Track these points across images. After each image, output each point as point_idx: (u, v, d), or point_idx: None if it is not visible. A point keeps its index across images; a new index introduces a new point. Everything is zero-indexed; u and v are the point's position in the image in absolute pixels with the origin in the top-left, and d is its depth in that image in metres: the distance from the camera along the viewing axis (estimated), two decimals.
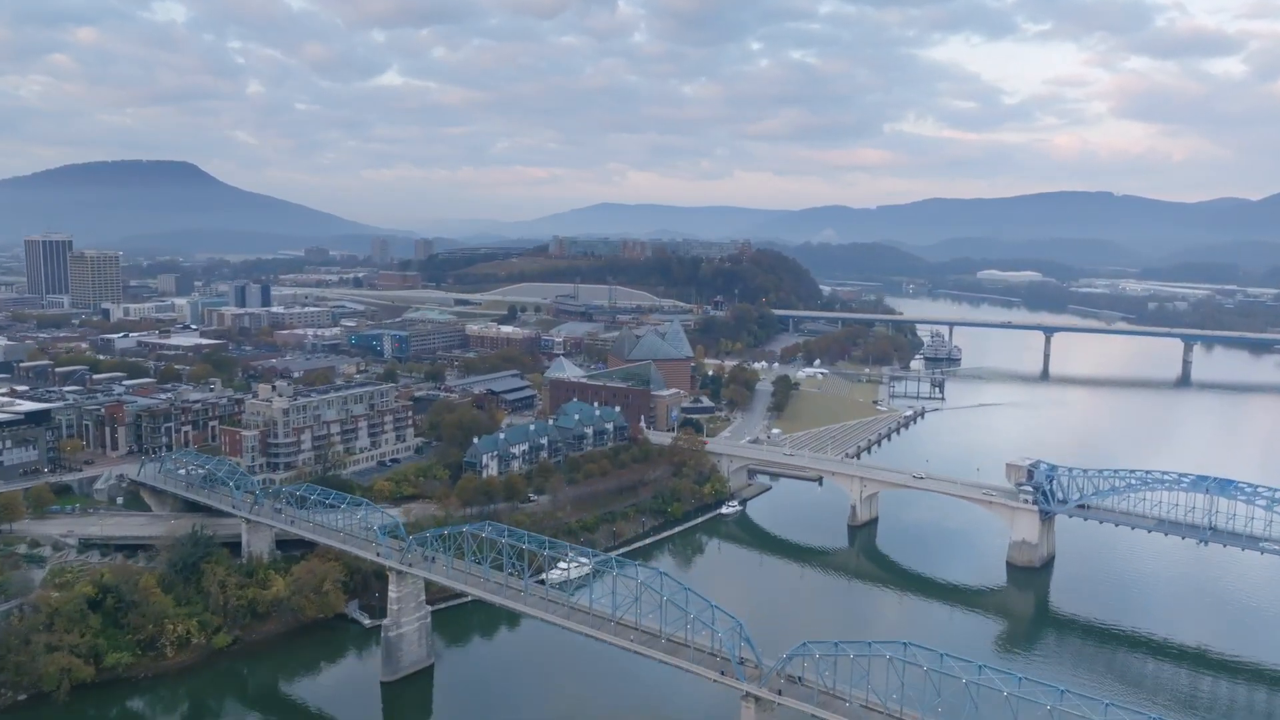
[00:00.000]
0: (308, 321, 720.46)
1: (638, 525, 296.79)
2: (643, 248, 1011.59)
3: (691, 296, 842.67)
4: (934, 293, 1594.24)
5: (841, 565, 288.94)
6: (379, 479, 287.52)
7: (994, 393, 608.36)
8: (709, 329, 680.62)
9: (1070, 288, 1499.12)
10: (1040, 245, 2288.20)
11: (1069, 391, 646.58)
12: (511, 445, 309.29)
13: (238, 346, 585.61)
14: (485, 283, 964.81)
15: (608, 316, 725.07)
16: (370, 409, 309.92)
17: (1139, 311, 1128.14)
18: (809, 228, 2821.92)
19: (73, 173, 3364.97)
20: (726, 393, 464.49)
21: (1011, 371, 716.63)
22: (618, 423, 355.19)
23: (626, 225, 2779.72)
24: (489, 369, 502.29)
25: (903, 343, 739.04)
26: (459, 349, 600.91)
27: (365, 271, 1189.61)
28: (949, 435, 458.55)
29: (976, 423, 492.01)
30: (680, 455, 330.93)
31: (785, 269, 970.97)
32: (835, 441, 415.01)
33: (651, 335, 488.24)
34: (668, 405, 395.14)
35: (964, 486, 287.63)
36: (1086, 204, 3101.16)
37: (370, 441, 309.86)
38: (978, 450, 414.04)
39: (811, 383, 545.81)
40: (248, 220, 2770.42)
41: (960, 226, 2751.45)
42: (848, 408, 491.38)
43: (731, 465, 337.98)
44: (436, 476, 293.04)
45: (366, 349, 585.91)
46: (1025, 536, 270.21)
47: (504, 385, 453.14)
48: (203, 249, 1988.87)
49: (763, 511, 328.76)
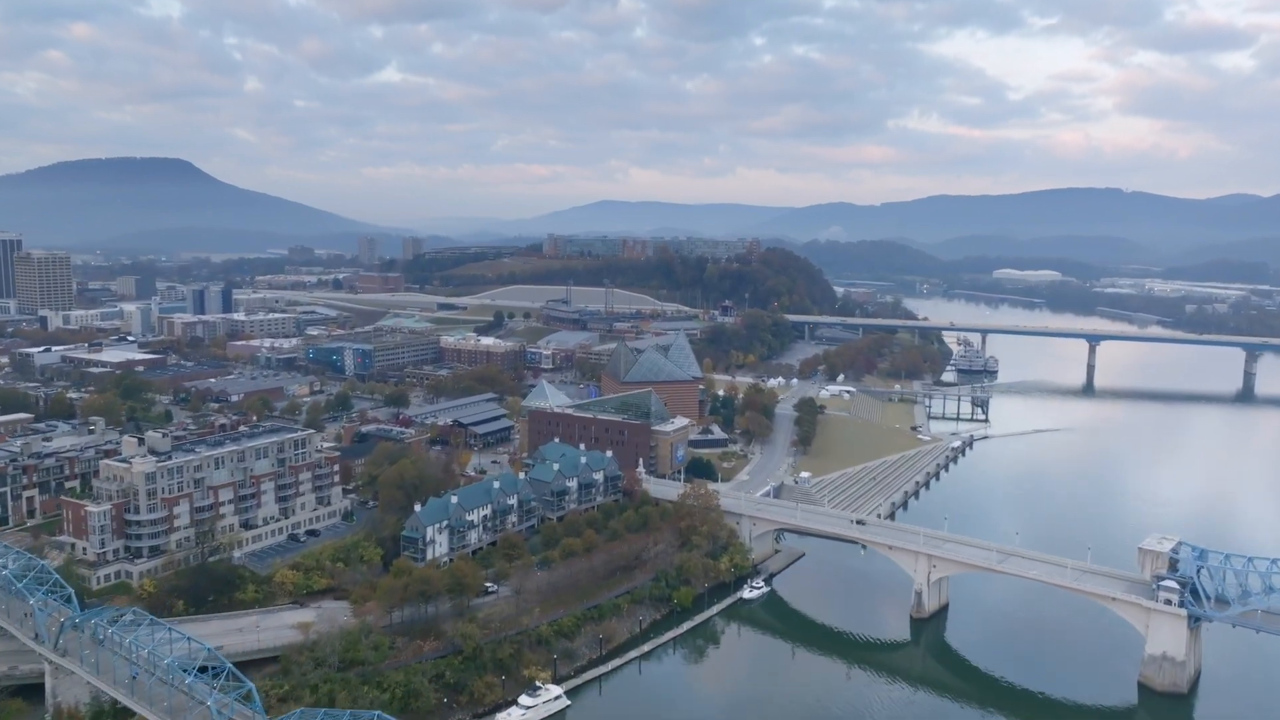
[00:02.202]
0: (269, 330, 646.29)
1: (633, 622, 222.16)
2: (644, 246, 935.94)
3: (697, 300, 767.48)
4: (949, 293, 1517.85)
5: (904, 671, 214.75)
6: (283, 564, 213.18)
7: (1041, 412, 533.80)
8: (717, 338, 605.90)
9: (1093, 288, 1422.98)
10: (1054, 243, 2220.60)
11: (1125, 410, 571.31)
12: (467, 511, 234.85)
13: (177, 363, 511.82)
14: (473, 285, 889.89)
15: (603, 324, 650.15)
16: (280, 465, 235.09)
17: (1175, 315, 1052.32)
18: (814, 225, 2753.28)
19: (66, 170, 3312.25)
20: (742, 421, 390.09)
21: (1053, 385, 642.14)
22: (609, 472, 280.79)
23: (628, 223, 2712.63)
24: (462, 391, 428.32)
25: (933, 353, 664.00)
26: (432, 364, 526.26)
27: (347, 273, 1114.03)
28: (1010, 475, 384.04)
29: (1037, 456, 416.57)
30: (688, 516, 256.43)
31: (797, 269, 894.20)
32: (877, 484, 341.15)
33: (652, 351, 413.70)
34: (671, 444, 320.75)
35: (1074, 574, 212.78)
36: (1096, 201, 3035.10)
37: (280, 509, 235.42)
38: (1053, 499, 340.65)
39: (837, 403, 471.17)
40: (243, 219, 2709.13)
41: (968, 224, 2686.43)
42: (884, 437, 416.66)
43: (755, 529, 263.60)
44: (364, 558, 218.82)
45: (325, 364, 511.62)
46: (1167, 649, 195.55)
47: (475, 414, 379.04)
48: (192, 247, 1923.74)
49: (795, 590, 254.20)
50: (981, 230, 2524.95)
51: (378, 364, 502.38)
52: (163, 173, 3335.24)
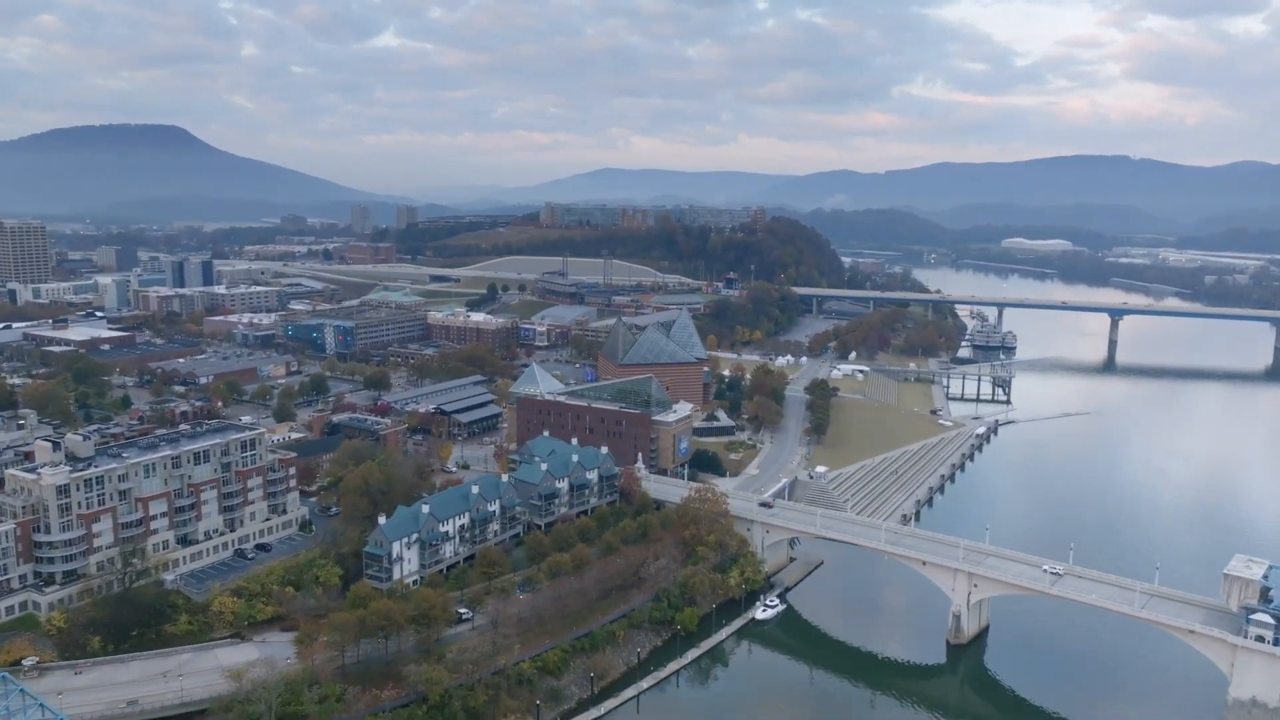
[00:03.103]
0: (251, 304, 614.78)
1: (630, 651, 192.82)
2: (645, 216, 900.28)
3: (700, 272, 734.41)
4: (957, 263, 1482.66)
5: (940, 704, 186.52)
6: (223, 589, 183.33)
7: (1065, 392, 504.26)
8: (722, 313, 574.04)
9: (1106, 258, 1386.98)
10: (1063, 212, 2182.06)
11: (1152, 389, 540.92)
12: (441, 522, 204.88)
13: (148, 340, 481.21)
14: (467, 256, 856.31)
15: (602, 298, 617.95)
16: (225, 471, 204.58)
17: (1194, 286, 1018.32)
18: (817, 193, 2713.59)
19: (59, 137, 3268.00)
20: (750, 406, 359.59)
21: (1073, 361, 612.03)
22: (604, 470, 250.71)
23: (629, 190, 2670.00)
24: (449, 372, 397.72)
25: (949, 328, 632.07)
26: (418, 342, 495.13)
27: (338, 243, 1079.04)
28: (1043, 468, 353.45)
29: (1070, 446, 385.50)
30: (693, 524, 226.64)
31: (804, 239, 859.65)
32: (899, 479, 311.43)
33: (653, 330, 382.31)
34: (674, 435, 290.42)
35: (1142, 599, 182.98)
36: (1103, 168, 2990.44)
37: (225, 521, 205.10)
38: (1099, 500, 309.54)
39: (851, 384, 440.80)
40: (240, 187, 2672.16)
41: (973, 192, 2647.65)
42: (902, 423, 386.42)
43: (768, 537, 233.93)
44: (319, 579, 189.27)
45: (305, 342, 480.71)
46: (1258, 693, 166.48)
47: (460, 399, 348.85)
48: (187, 216, 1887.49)
49: (814, 607, 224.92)
50: (987, 199, 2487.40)
51: (360, 342, 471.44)
52: (159, 140, 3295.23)
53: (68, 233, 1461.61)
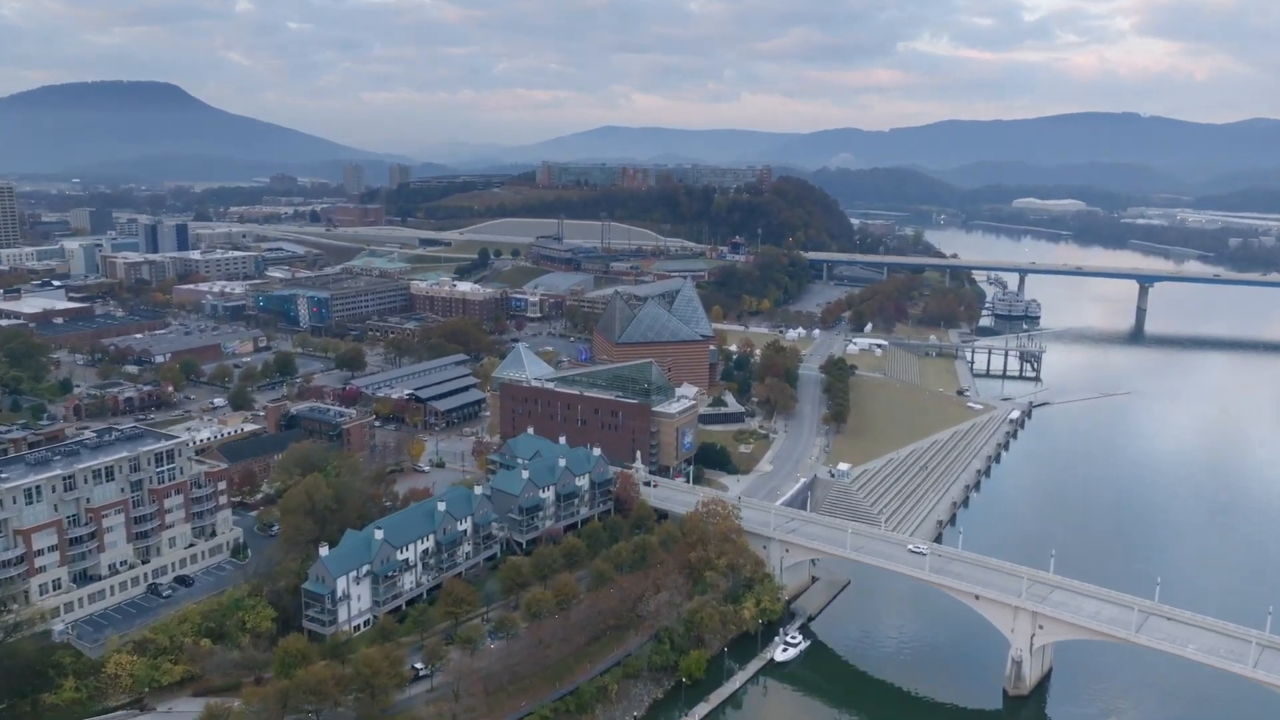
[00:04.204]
0: (226, 271, 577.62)
1: (625, 711, 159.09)
2: (645, 175, 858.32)
3: (703, 235, 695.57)
4: (968, 224, 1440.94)
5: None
6: (123, 642, 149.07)
7: (1096, 366, 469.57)
8: (727, 281, 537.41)
9: (1121, 219, 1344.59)
10: (1073, 170, 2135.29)
11: (1191, 363, 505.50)
12: (399, 549, 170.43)
13: (106, 313, 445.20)
14: (459, 218, 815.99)
15: (599, 265, 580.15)
16: (135, 490, 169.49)
17: (1217, 249, 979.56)
18: (821, 151, 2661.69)
19: (51, 95, 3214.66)
20: (760, 389, 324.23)
21: (1098, 331, 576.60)
22: (596, 475, 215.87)
23: (630, 149, 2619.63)
24: (430, 350, 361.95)
25: (970, 296, 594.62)
26: (400, 314, 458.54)
27: (327, 204, 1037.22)
28: (1090, 459, 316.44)
29: (1116, 433, 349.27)
30: (700, 543, 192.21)
31: (812, 200, 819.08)
32: (930, 475, 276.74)
33: (654, 304, 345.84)
34: (677, 429, 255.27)
35: (1255, 654, 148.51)
36: (1113, 126, 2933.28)
37: (136, 550, 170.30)
38: (1166, 506, 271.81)
39: (868, 360, 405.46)
40: (234, 146, 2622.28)
41: (980, 150, 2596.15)
42: (928, 406, 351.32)
43: (788, 556, 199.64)
44: (246, 624, 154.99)
45: (278, 314, 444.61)
46: None
47: (439, 382, 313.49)
48: (179, 176, 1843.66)
49: (843, 641, 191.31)
50: (995, 157, 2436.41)
51: (336, 314, 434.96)
52: (152, 98, 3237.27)
53: (53, 193, 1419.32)
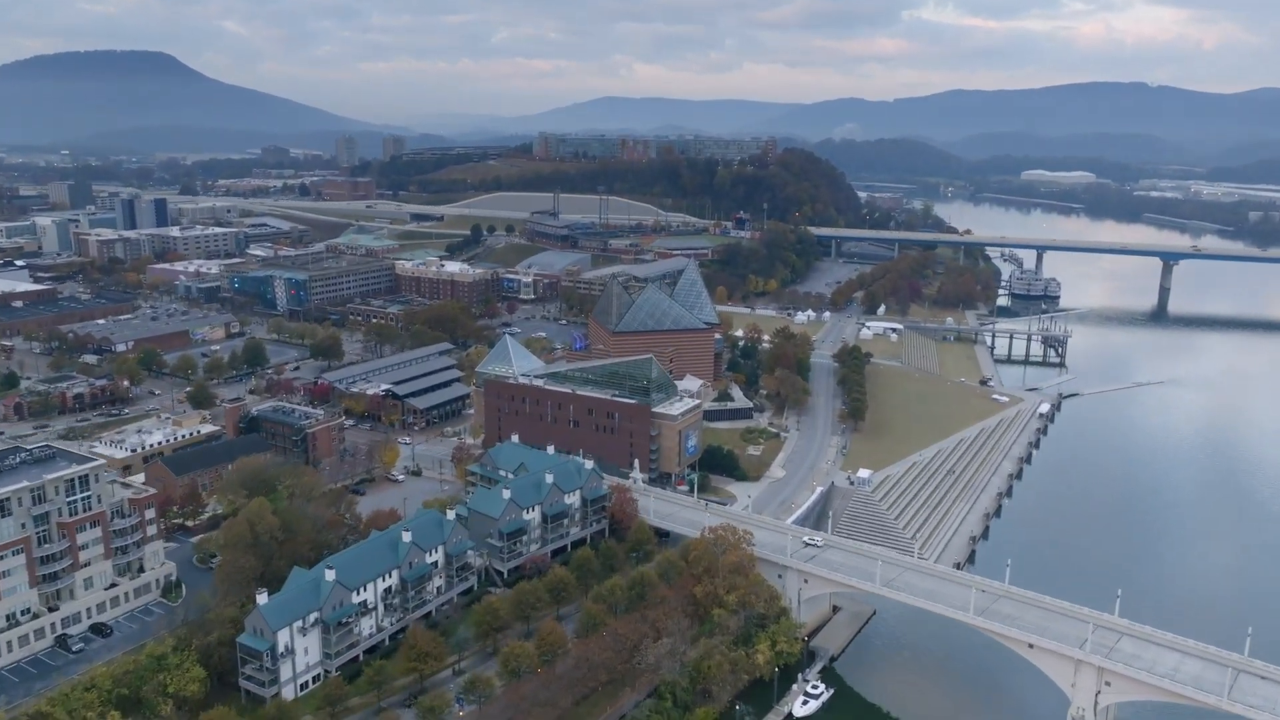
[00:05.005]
0: (206, 248, 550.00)
1: None
2: (646, 147, 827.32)
3: (706, 210, 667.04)
4: (976, 197, 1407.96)
5: None
6: (10, 716, 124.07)
7: (1122, 349, 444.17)
8: (732, 259, 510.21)
9: (1134, 191, 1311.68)
10: (1082, 141, 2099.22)
11: (1218, 344, 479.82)
12: (354, 590, 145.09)
13: (72, 296, 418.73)
14: (452, 192, 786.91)
15: (597, 242, 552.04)
16: (39, 524, 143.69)
17: (1236, 223, 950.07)
18: (825, 122, 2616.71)
19: (44, 64, 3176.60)
20: (770, 381, 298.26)
21: (1119, 310, 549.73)
22: (588, 491, 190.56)
23: (631, 120, 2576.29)
24: (414, 338, 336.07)
25: (987, 275, 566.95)
26: (384, 296, 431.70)
27: (317, 176, 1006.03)
28: (1129, 457, 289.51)
29: (1156, 429, 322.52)
30: (707, 575, 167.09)
31: (819, 173, 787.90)
32: (958, 481, 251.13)
33: (654, 290, 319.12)
34: (680, 432, 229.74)
35: None
36: (1121, 96, 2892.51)
37: (42, 596, 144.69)
38: (1234, 519, 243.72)
39: (884, 346, 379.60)
40: (230, 117, 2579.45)
41: (986, 121, 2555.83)
42: (950, 399, 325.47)
43: (806, 588, 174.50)
44: (168, 689, 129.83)
45: (254, 296, 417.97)
46: None
47: (419, 375, 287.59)
48: (171, 148, 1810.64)
49: (871, 686, 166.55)
50: (1002, 127, 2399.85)
51: (315, 297, 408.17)
52: (146, 67, 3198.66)
53: (41, 165, 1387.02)
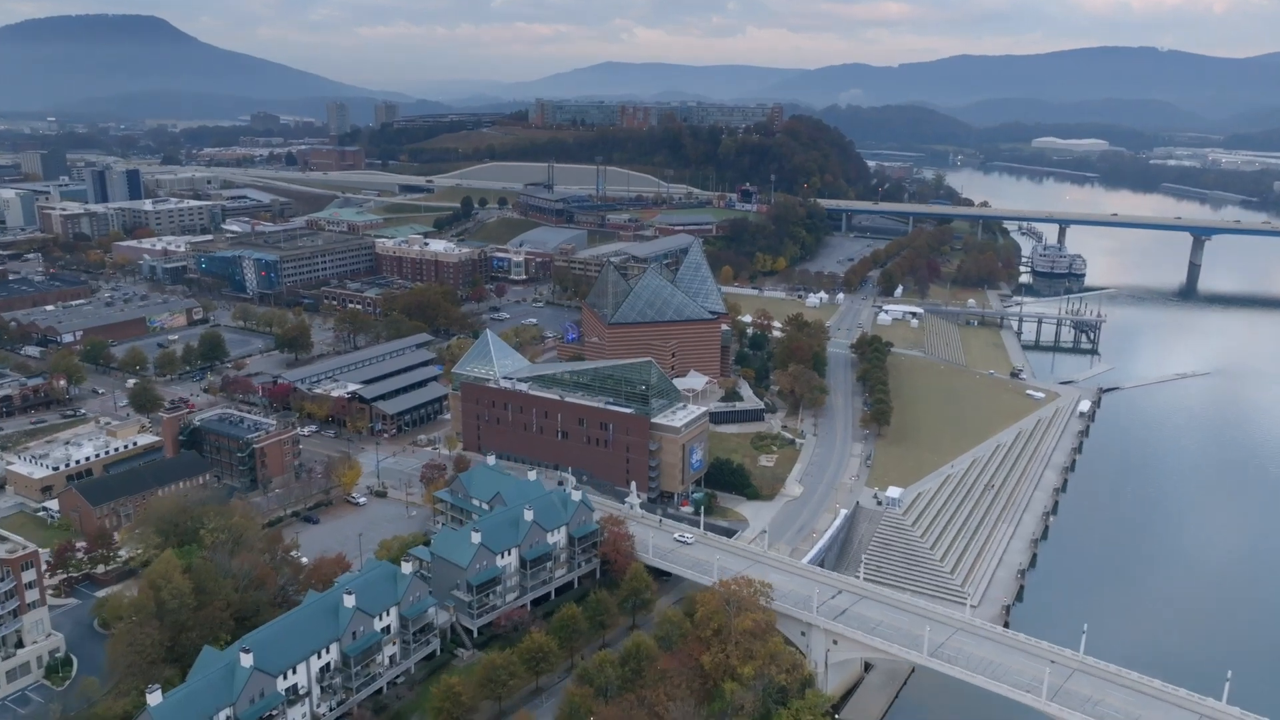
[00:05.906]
0: (180, 223, 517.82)
1: None
2: (647, 114, 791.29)
3: (710, 181, 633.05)
4: (986, 166, 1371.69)
5: None
6: None
7: (1154, 332, 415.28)
8: (738, 235, 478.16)
9: (1150, 160, 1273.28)
10: (1091, 107, 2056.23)
11: (1252, 323, 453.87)
12: (278, 677, 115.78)
13: (22, 277, 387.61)
14: (444, 161, 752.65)
15: (594, 217, 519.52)
16: None
17: (1261, 194, 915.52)
18: (829, 88, 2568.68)
19: (35, 28, 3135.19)
20: (783, 378, 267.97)
21: (1147, 288, 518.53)
22: (575, 528, 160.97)
23: (632, 85, 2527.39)
24: (390, 327, 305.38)
25: (1008, 252, 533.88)
26: (362, 278, 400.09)
27: (305, 145, 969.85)
28: (1188, 464, 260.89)
29: (1210, 428, 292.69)
30: (719, 639, 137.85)
31: (827, 142, 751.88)
32: (997, 498, 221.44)
33: (654, 274, 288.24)
34: (684, 445, 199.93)
35: None
36: (1129, 61, 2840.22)
37: None
38: None
39: (904, 333, 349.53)
40: (223, 83, 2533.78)
41: (993, 87, 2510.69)
42: (980, 395, 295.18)
43: (835, 650, 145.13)
44: None
45: (222, 278, 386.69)
46: None
47: (392, 373, 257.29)
48: (162, 114, 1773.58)
49: None
50: (1009, 93, 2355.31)
51: (287, 279, 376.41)
52: (137, 32, 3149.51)
53: (26, 132, 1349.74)
